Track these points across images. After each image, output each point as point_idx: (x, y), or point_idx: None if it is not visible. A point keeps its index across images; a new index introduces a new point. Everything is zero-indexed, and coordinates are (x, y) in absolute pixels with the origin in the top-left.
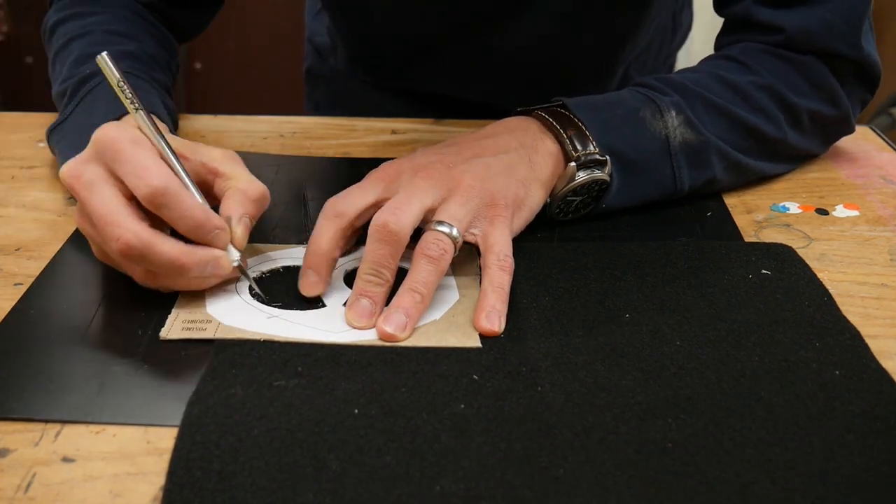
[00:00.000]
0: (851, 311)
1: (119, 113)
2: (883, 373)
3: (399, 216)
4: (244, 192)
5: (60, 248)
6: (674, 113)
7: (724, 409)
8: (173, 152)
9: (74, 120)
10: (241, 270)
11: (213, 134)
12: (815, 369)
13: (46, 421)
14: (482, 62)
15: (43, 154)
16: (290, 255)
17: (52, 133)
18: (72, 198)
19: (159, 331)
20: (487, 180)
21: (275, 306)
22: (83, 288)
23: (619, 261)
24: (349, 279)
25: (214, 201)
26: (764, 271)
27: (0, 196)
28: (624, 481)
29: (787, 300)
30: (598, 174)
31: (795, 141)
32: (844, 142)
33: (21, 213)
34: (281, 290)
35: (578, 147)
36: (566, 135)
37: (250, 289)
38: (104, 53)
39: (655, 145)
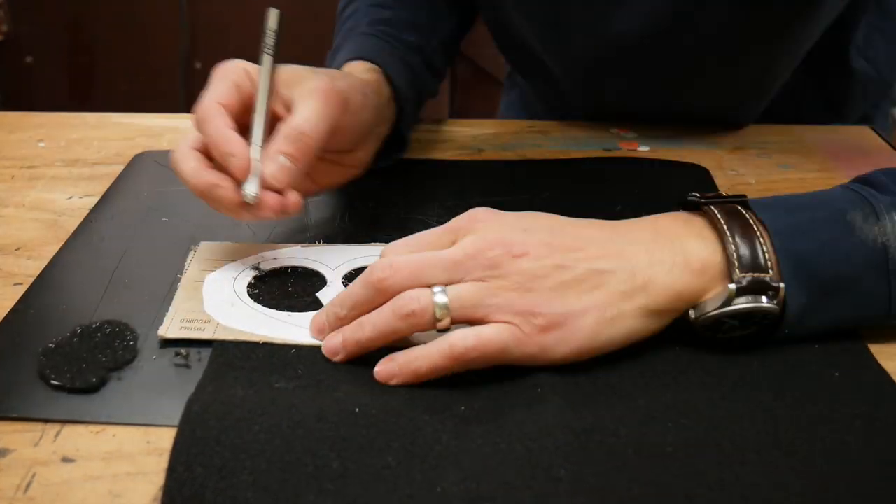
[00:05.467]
0: None
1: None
2: (883, 374)
3: (395, 277)
4: (288, 128)
5: (60, 248)
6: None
7: (723, 412)
8: (267, 97)
9: None
10: (250, 206)
11: None
12: (815, 371)
13: (46, 421)
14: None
15: (43, 154)
16: (290, 256)
17: None
18: (72, 197)
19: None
20: (540, 292)
21: (274, 307)
22: (83, 288)
23: None
24: (348, 280)
25: None
26: None
27: (0, 196)
28: (624, 484)
29: None
30: (764, 305)
31: None
32: (844, 141)
33: (21, 213)
34: (281, 290)
35: (745, 261)
36: (733, 243)
37: (250, 284)
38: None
39: (865, 257)
